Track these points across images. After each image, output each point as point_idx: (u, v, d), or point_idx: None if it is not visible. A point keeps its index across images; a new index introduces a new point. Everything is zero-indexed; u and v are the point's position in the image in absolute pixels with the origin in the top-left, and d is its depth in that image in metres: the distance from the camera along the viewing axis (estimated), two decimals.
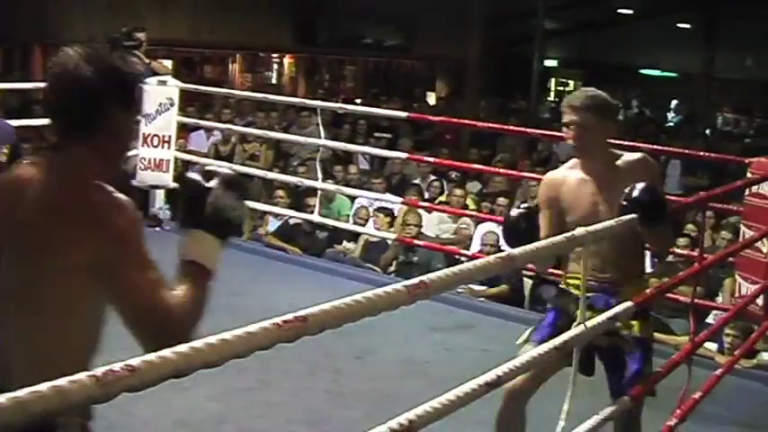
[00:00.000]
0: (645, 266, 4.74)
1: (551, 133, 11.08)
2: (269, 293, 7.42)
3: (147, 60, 9.97)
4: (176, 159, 9.92)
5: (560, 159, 14.68)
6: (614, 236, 4.05)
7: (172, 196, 10.19)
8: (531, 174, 10.72)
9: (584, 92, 4.43)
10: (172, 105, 9.63)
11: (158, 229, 9.58)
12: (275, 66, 24.98)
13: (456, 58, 23.29)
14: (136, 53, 9.85)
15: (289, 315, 2.02)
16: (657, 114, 27.95)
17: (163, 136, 9.62)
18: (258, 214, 10.21)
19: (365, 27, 24.20)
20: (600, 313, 4.07)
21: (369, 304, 2.21)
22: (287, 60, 24.91)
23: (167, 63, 13.45)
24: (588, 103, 4.29)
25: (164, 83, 9.66)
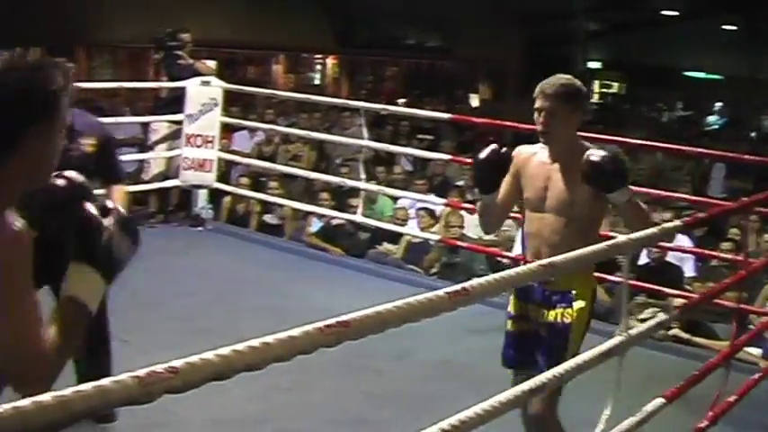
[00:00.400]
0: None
1: (594, 135, 11.04)
2: (310, 294, 7.43)
3: (191, 60, 10.02)
4: (219, 159, 9.96)
5: None
6: (562, 223, 4.26)
7: (215, 196, 10.25)
8: None
9: (558, 78, 4.45)
10: (215, 106, 9.67)
11: (201, 229, 9.63)
12: (318, 67, 25.03)
13: (497, 60, 23.27)
14: (180, 53, 9.91)
15: (331, 320, 2.02)
16: (701, 117, 27.78)
17: (206, 136, 9.66)
18: (301, 215, 10.23)
19: (407, 28, 24.22)
20: (539, 306, 4.34)
21: (410, 310, 2.21)
22: (330, 61, 24.95)
23: (211, 63, 13.50)
24: (559, 91, 4.34)
25: (207, 83, 9.70)
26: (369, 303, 2.20)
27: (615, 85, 30.76)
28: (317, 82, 24.61)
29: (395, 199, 10.44)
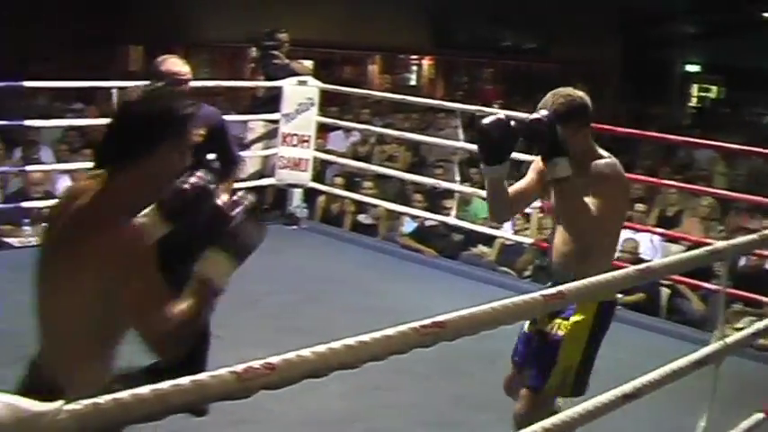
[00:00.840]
0: (597, 262, 4.12)
1: (692, 140, 10.89)
2: (404, 295, 7.44)
3: (287, 60, 10.08)
4: (315, 159, 10.02)
5: (701, 166, 14.44)
6: (569, 238, 4.13)
7: (310, 195, 10.30)
8: (671, 181, 10.55)
9: (557, 93, 4.33)
10: (312, 105, 9.73)
11: (295, 228, 9.70)
12: (414, 67, 25.04)
13: (594, 62, 23.08)
14: (276, 53, 9.98)
15: (426, 320, 2.03)
16: None
17: (302, 135, 9.73)
18: (395, 215, 10.24)
19: (503, 30, 24.13)
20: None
21: (506, 312, 2.21)
22: (426, 62, 24.95)
23: (307, 63, 13.58)
24: (560, 113, 4.17)
25: (303, 83, 9.76)
26: (461, 305, 2.20)
27: (713, 89, 30.29)
28: (413, 83, 24.62)
29: None
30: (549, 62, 25.17)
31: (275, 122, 9.82)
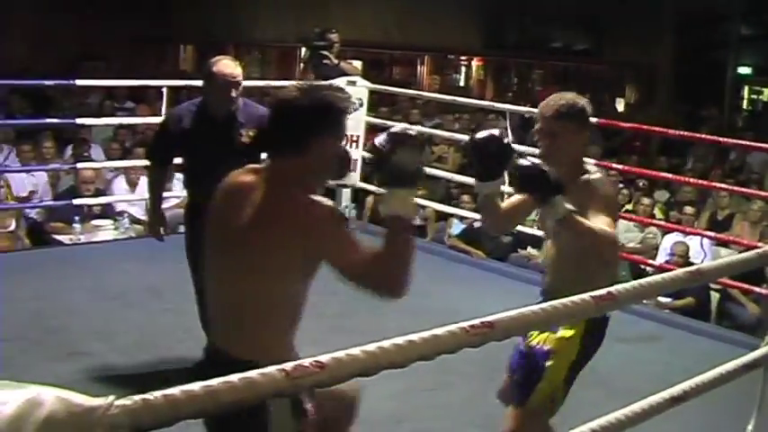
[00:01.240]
0: (590, 281, 3.95)
1: (744, 143, 10.80)
2: (452, 296, 7.43)
3: (336, 61, 10.10)
4: (364, 159, 10.03)
5: (753, 170, 14.31)
6: (558, 253, 4.03)
7: (359, 195, 10.31)
8: (722, 184, 10.47)
9: (559, 98, 4.13)
10: (361, 105, 9.74)
11: None
12: (463, 68, 25.01)
13: (646, 64, 22.94)
14: (326, 53, 10.00)
15: (476, 320, 2.03)
16: None
17: (351, 135, 9.74)
18: (443, 216, 10.23)
19: (553, 30, 24.03)
20: None
21: (555, 313, 2.20)
22: (475, 63, 24.90)
23: (357, 63, 13.60)
24: (561, 112, 4.04)
25: (353, 83, 9.77)
26: (511, 306, 2.19)
27: (766, 92, 29.99)
28: (462, 83, 24.59)
29: None
30: (601, 63, 25.04)
31: None
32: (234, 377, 1.67)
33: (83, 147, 10.81)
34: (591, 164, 4.23)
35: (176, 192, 8.78)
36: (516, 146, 9.43)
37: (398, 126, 3.07)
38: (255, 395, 1.68)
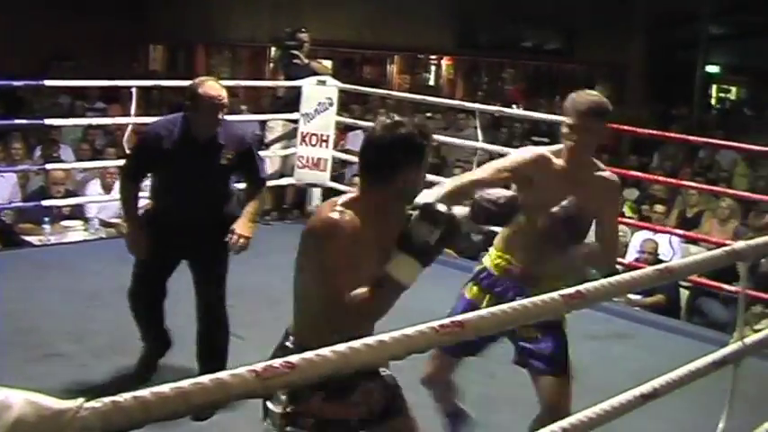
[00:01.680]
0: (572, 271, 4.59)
1: (713, 141, 10.85)
2: (424, 295, 7.39)
3: (307, 60, 10.09)
4: (334, 158, 10.02)
5: (722, 168, 14.39)
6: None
7: (329, 195, 10.30)
8: (692, 182, 10.52)
9: (589, 95, 4.45)
10: (331, 105, 9.74)
11: None
12: (433, 67, 25.02)
13: (617, 64, 23.02)
14: (296, 53, 9.99)
15: (446, 320, 2.03)
16: None
17: (321, 135, 9.74)
18: None
19: (525, 30, 24.08)
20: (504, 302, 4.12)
21: (524, 312, 2.21)
22: (445, 62, 24.92)
23: (327, 63, 13.60)
24: (594, 108, 4.33)
25: (323, 83, 9.77)
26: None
27: (733, 90, 30.16)
28: (432, 83, 24.61)
29: None
30: (572, 63, 25.11)
31: (295, 122, 9.84)
32: (204, 378, 1.67)
33: (52, 147, 10.76)
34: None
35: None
36: (488, 145, 9.48)
37: (429, 201, 3.26)
38: (226, 396, 1.68)
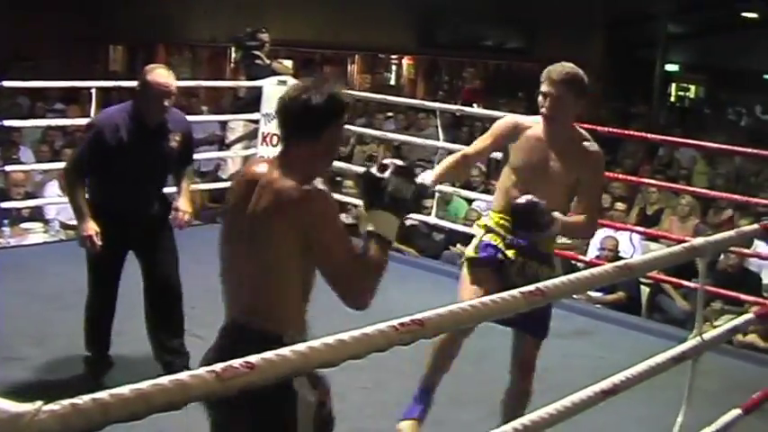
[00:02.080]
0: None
1: (672, 139, 10.92)
2: (387, 294, 7.37)
3: (268, 60, 10.06)
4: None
5: (682, 165, 14.49)
6: (550, 199, 4.51)
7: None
8: (652, 179, 10.58)
9: (564, 66, 4.74)
10: None
11: None
12: (394, 67, 25.04)
13: (576, 62, 23.07)
14: (257, 53, 9.97)
15: (405, 318, 2.03)
16: None
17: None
18: None
19: (485, 29, 24.13)
20: (517, 253, 4.80)
21: (485, 310, 2.21)
22: (405, 62, 24.95)
23: (288, 63, 13.57)
24: (566, 78, 4.65)
25: (284, 83, 9.74)
26: (444, 304, 2.20)
27: (692, 89, 30.35)
28: (392, 82, 24.62)
29: (470, 201, 10.40)
30: (532, 61, 25.20)
31: (256, 122, 9.81)
32: (164, 379, 1.66)
33: (11, 149, 10.68)
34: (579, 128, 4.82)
35: None
36: (449, 144, 9.49)
37: (396, 161, 3.31)
38: (186, 397, 1.68)
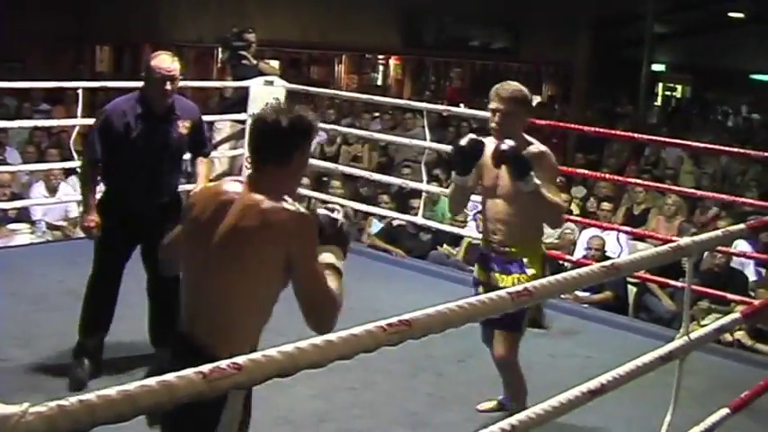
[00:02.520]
0: (541, 234, 5.33)
1: (659, 139, 10.93)
2: (373, 295, 7.43)
3: (255, 61, 10.05)
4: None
5: (668, 165, 14.52)
6: (511, 207, 4.91)
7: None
8: (638, 179, 10.59)
9: (510, 84, 5.06)
10: None
11: None
12: (381, 67, 25.04)
13: (563, 62, 23.14)
14: (244, 53, 9.95)
15: (393, 319, 2.03)
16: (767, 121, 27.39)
17: None
18: (361, 215, 10.23)
19: (472, 29, 24.15)
20: (499, 274, 5.00)
21: (473, 310, 2.21)
22: (392, 62, 24.96)
23: (274, 63, 13.56)
24: (514, 95, 4.95)
25: (270, 83, 9.73)
26: (431, 304, 2.20)
27: (679, 88, 30.46)
28: (379, 82, 24.63)
29: None
30: (518, 61, 25.23)
31: (243, 123, 9.79)
32: (150, 381, 1.66)
33: None
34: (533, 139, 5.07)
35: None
36: (435, 144, 9.50)
37: (343, 209, 3.58)
38: (173, 398, 1.67)
